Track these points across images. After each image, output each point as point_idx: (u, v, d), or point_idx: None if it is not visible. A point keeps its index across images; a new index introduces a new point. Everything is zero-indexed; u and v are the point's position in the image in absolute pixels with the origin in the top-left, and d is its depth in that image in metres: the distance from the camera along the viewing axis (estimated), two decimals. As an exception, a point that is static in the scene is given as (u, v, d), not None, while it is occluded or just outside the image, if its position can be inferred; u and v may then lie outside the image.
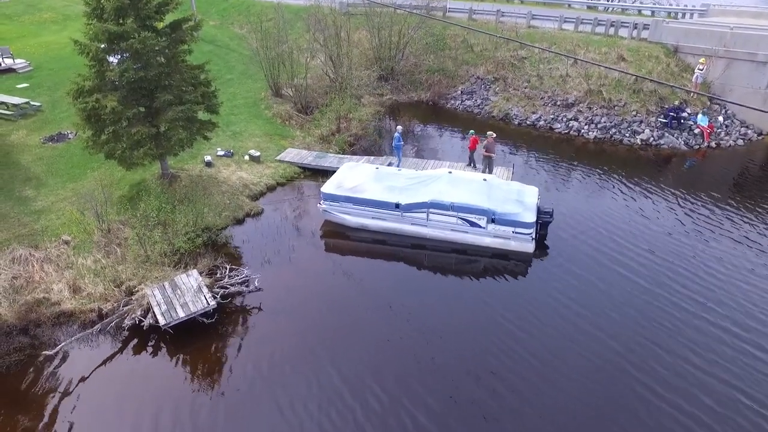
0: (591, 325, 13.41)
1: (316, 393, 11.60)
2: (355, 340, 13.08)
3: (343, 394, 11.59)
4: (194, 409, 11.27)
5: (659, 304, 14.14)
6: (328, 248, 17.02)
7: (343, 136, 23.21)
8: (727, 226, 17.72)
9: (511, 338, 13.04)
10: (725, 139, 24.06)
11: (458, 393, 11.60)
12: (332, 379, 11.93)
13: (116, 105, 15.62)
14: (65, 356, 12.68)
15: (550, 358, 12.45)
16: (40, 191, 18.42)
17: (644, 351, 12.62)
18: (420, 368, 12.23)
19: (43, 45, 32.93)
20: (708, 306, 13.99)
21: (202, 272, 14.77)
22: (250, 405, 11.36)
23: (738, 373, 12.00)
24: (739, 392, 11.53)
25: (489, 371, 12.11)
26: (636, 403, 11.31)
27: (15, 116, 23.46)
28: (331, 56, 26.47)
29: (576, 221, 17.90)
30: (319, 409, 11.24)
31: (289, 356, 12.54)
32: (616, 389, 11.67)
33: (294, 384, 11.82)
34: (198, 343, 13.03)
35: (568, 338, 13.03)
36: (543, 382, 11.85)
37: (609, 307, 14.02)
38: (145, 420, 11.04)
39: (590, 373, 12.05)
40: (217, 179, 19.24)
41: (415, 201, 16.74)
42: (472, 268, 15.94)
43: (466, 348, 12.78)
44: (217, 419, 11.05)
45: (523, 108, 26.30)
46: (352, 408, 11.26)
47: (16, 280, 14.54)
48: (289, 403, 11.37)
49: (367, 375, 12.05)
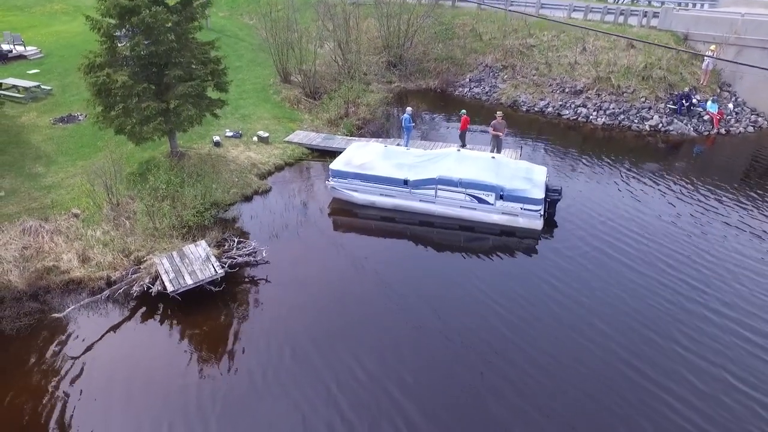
0: (607, 299, 13.36)
1: (320, 364, 11.60)
2: (360, 314, 13.00)
3: (345, 358, 11.60)
4: (201, 374, 11.29)
5: (664, 283, 14.05)
6: (336, 224, 17.02)
7: (351, 120, 23.25)
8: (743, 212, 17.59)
9: (520, 318, 12.98)
10: (735, 126, 23.89)
11: (462, 366, 11.56)
12: (335, 347, 11.93)
13: (127, 79, 15.71)
14: (74, 321, 12.73)
15: (561, 337, 12.39)
16: (50, 168, 18.55)
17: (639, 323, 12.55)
18: (418, 335, 12.22)
19: (54, 34, 33.19)
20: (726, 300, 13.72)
21: (210, 244, 14.80)
22: (257, 371, 11.35)
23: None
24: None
25: (494, 351, 12.06)
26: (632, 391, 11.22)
27: (26, 99, 23.65)
28: (339, 43, 26.52)
29: (583, 203, 17.81)
30: (322, 371, 11.24)
31: (296, 327, 12.52)
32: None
33: (303, 356, 11.81)
34: (205, 310, 13.04)
35: (584, 312, 12.98)
36: (562, 363, 11.78)
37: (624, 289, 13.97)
38: (153, 384, 11.03)
39: (608, 350, 11.98)
40: (225, 158, 19.31)
41: (424, 177, 16.72)
42: (480, 246, 15.87)
43: (472, 324, 12.72)
44: (223, 384, 11.05)
45: (532, 95, 26.26)
46: (350, 367, 11.26)
47: (26, 250, 14.62)
48: (296, 371, 11.37)
49: (364, 346, 12.05)
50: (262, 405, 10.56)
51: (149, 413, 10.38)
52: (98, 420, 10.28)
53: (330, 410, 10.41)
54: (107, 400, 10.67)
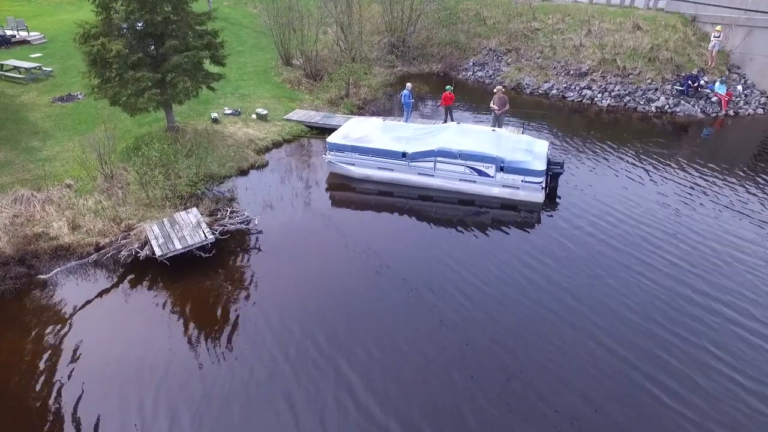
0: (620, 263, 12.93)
1: (306, 330, 11.27)
2: (350, 286, 12.66)
3: (333, 324, 11.27)
4: (187, 337, 11.01)
5: (665, 265, 13.58)
6: (332, 199, 16.68)
7: (352, 100, 22.94)
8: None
9: (525, 290, 12.58)
10: (744, 107, 23.33)
11: (455, 339, 11.17)
12: (325, 315, 11.61)
13: (121, 48, 15.52)
14: (60, 285, 12.52)
15: (573, 304, 11.98)
16: (46, 143, 18.37)
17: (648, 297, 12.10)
18: (411, 307, 11.86)
19: (59, 22, 33.19)
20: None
21: (203, 213, 14.53)
22: (244, 336, 11.04)
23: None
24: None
25: (496, 320, 11.67)
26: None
27: (27, 80, 23.55)
28: (342, 25, 26.26)
29: (585, 181, 17.38)
30: (303, 335, 10.91)
31: (286, 294, 12.21)
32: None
33: (290, 322, 11.49)
34: (195, 275, 12.77)
35: (594, 280, 12.56)
36: (574, 341, 11.37)
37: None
38: (136, 348, 10.74)
39: (625, 328, 11.55)
40: (222, 134, 19.06)
41: (423, 150, 16.36)
42: (481, 220, 15.45)
43: (467, 301, 12.34)
44: (209, 349, 10.75)
45: (536, 77, 25.84)
46: (334, 329, 10.91)
47: (17, 219, 14.43)
48: (283, 335, 11.05)
49: (357, 318, 11.71)
50: (244, 367, 10.24)
51: (131, 377, 10.09)
52: (81, 381, 10.01)
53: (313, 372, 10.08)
54: (90, 361, 10.40)
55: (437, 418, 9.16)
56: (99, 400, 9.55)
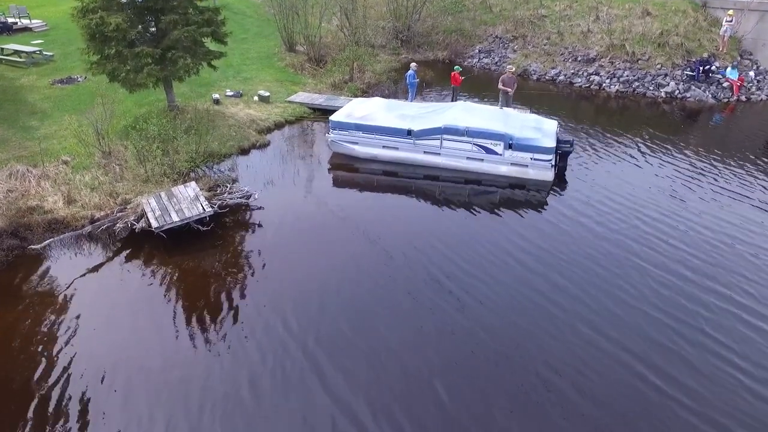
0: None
1: (309, 298, 10.83)
2: (346, 263, 12.21)
3: (327, 299, 10.84)
4: (182, 312, 10.59)
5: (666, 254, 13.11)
6: (335, 179, 16.22)
7: (356, 84, 22.54)
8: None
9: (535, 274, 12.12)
10: (756, 93, 22.81)
11: (457, 329, 10.72)
12: (321, 291, 11.17)
13: (120, 22, 15.17)
14: (53, 257, 12.13)
15: (579, 294, 11.52)
16: (44, 122, 18.03)
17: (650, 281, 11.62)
18: (412, 291, 11.42)
19: (61, 12, 32.91)
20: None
21: (202, 189, 14.12)
22: (241, 311, 10.62)
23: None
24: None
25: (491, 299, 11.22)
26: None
27: (27, 64, 23.28)
28: (346, 11, 25.89)
29: (594, 162, 16.92)
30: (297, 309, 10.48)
31: (282, 270, 11.74)
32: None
33: (288, 296, 11.07)
34: (192, 248, 12.36)
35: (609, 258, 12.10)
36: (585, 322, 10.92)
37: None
38: (128, 319, 10.35)
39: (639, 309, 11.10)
40: (224, 114, 18.69)
41: (428, 127, 15.91)
42: (489, 199, 14.96)
43: (479, 283, 11.88)
44: (204, 323, 10.33)
45: (543, 64, 25.38)
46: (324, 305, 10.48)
47: (12, 193, 14.07)
48: (281, 308, 10.62)
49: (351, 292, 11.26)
50: (238, 339, 9.81)
51: (123, 349, 9.66)
52: (72, 354, 9.59)
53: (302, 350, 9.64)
54: (82, 334, 9.98)
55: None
56: (89, 374, 9.10)
